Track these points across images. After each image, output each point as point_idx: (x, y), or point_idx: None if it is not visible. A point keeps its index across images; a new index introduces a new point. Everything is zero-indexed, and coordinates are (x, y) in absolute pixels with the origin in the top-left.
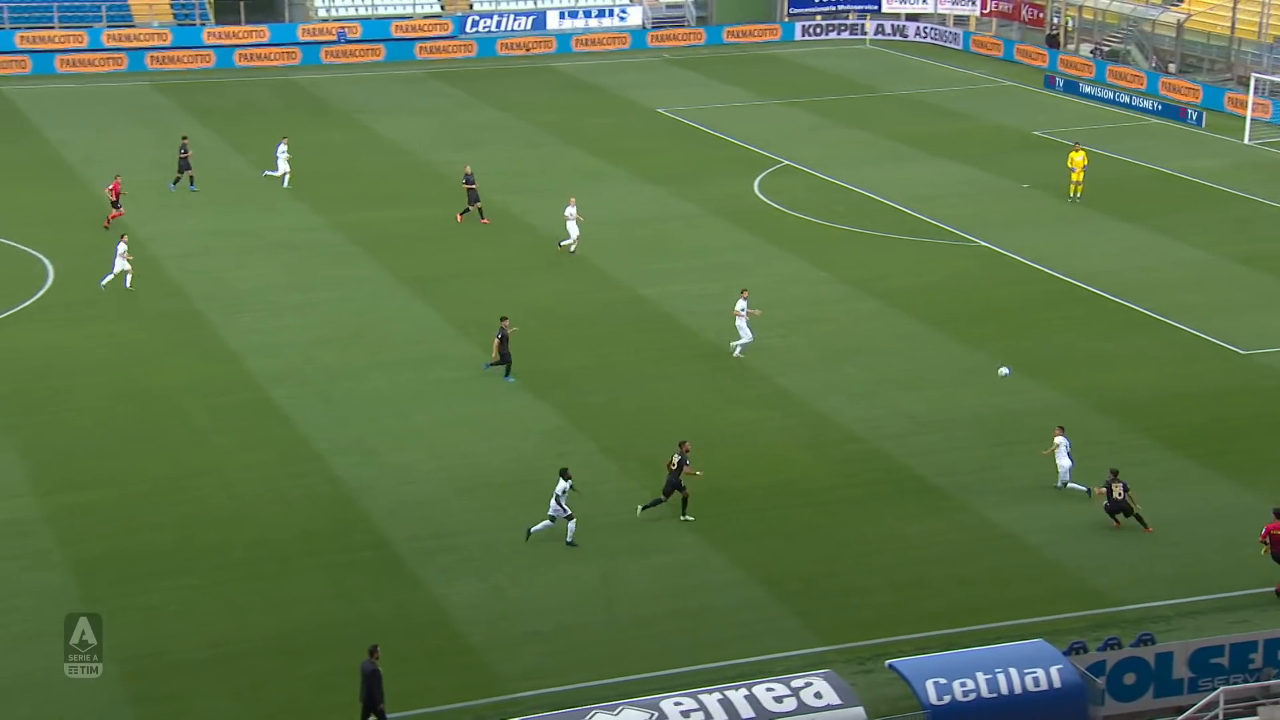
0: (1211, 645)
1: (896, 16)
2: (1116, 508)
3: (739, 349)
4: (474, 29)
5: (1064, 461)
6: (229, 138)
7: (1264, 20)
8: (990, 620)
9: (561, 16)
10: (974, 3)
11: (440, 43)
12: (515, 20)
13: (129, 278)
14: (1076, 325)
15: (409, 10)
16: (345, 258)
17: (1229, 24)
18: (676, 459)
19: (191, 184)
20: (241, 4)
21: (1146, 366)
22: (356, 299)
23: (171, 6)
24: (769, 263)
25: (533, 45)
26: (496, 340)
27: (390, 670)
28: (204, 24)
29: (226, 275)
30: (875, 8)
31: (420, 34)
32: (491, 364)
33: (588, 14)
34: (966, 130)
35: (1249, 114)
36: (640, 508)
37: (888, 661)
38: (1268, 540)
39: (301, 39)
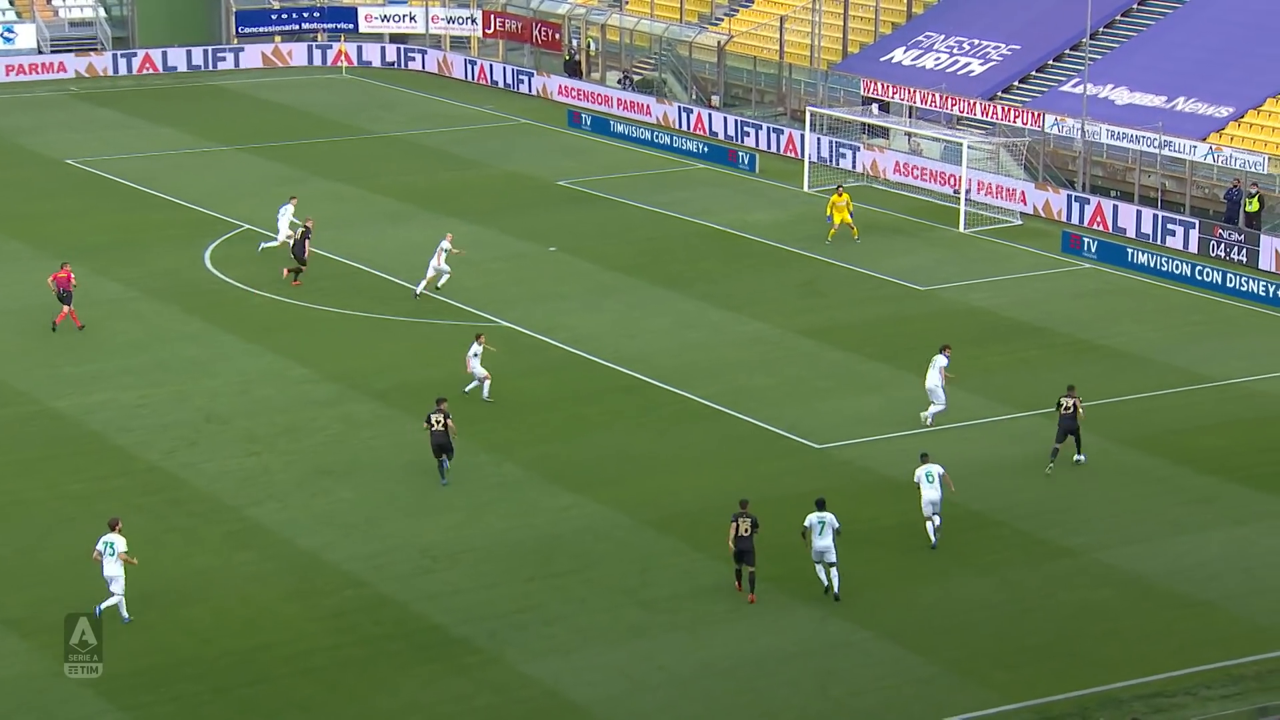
0: None
1: (379, 38)
2: (1067, 429)
3: (930, 416)
4: None
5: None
6: None
7: (815, 44)
8: None
9: None
10: (475, 22)
11: None
12: None
13: (487, 386)
14: (624, 421)
15: None
16: None
17: (777, 48)
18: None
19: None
20: None
21: (710, 469)
22: None
23: None
24: (230, 358)
25: None
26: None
27: None
28: None
29: None
30: (351, 27)
31: None
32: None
33: None
34: (475, 180)
35: (806, 156)
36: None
37: None
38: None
39: None
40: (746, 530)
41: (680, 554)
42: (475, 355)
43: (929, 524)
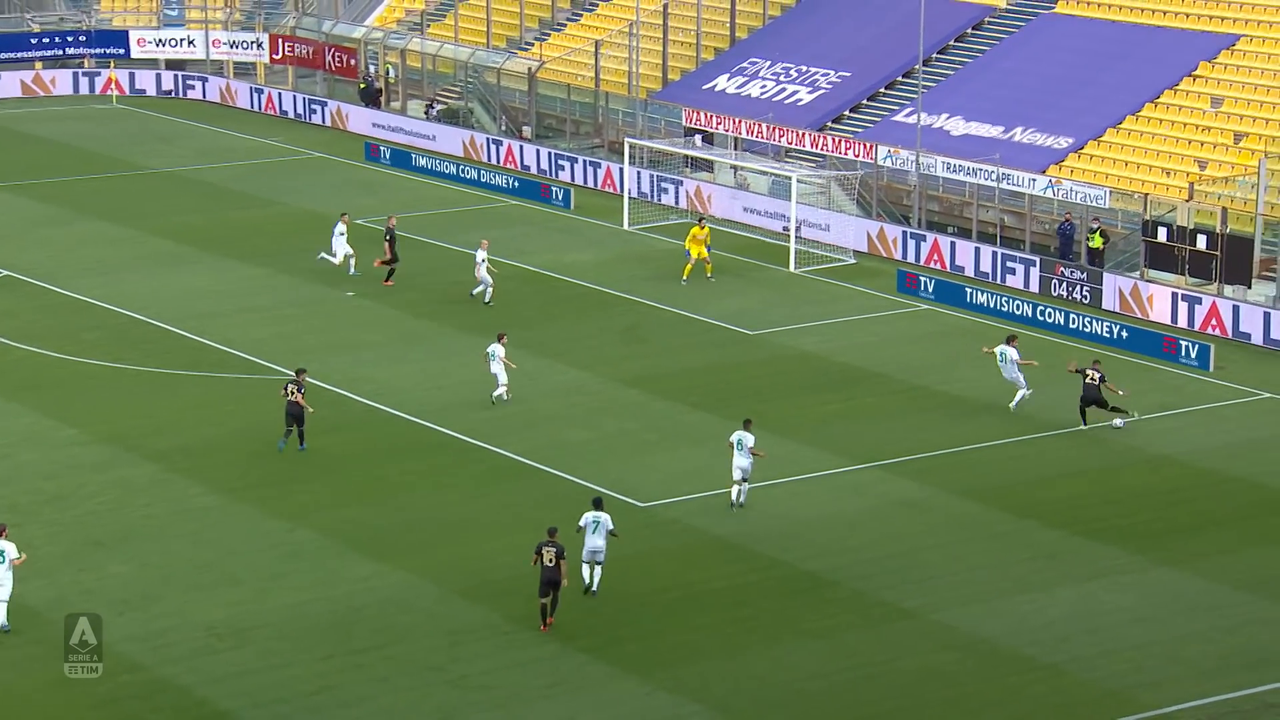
0: None
1: (154, 64)
2: (1089, 399)
3: (1019, 401)
4: None
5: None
6: None
7: (633, 71)
8: None
9: None
10: (261, 47)
11: None
12: None
13: (505, 391)
14: (431, 480)
15: None
16: None
17: (593, 75)
18: None
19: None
20: None
21: (525, 531)
22: None
23: None
24: None
25: None
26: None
27: None
28: None
29: None
30: (122, 52)
31: None
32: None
33: None
34: (263, 220)
35: (626, 191)
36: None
37: None
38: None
39: None
40: (551, 560)
41: (492, 626)
42: (500, 356)
43: (735, 486)
